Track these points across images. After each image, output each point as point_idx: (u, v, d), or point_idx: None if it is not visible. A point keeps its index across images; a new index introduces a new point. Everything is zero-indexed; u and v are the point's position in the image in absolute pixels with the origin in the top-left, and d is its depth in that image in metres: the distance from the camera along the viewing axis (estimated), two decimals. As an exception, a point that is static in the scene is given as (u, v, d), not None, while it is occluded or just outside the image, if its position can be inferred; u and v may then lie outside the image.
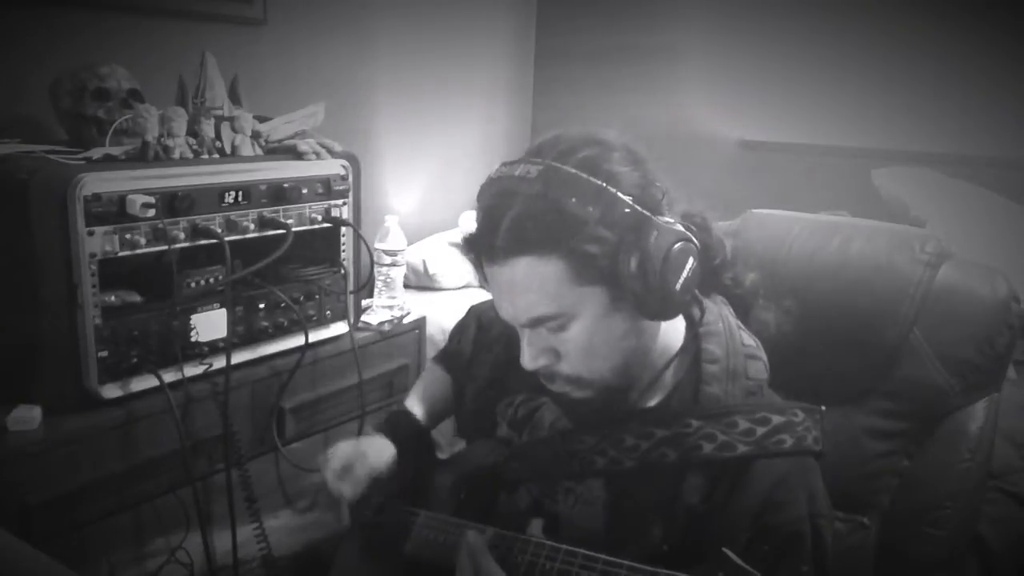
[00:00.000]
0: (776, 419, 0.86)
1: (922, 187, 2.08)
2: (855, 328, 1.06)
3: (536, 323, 0.84)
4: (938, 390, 1.05)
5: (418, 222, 2.49)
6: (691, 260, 0.83)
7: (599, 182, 0.79)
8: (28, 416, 1.13)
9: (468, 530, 0.89)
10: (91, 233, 1.12)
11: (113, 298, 1.19)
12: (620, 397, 0.91)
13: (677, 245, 0.81)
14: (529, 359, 0.87)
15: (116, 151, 1.26)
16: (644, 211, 0.80)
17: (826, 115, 2.47)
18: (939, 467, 1.06)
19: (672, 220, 0.83)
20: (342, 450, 1.06)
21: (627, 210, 0.80)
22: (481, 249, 0.86)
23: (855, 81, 2.40)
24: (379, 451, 1.08)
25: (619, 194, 0.80)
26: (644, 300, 0.80)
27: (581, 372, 0.87)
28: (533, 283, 0.81)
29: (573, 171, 0.80)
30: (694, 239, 0.83)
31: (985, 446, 1.07)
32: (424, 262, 2.33)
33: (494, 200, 0.83)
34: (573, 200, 0.79)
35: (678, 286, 0.81)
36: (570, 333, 0.84)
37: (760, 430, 0.85)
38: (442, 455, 1.17)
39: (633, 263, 0.79)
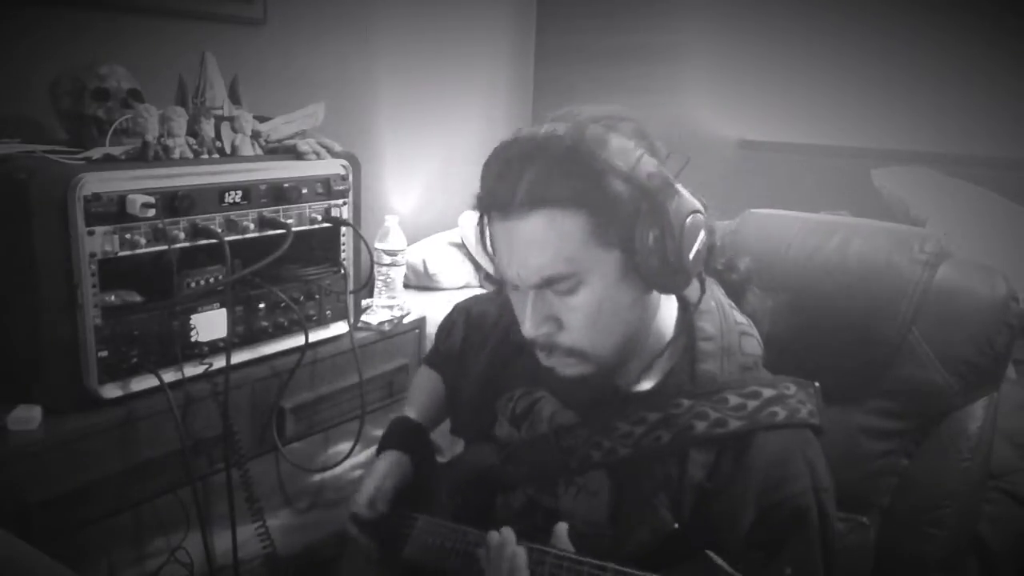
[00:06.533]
0: (767, 392, 0.87)
1: (922, 187, 2.08)
2: (854, 327, 1.06)
3: (547, 283, 0.83)
4: (937, 390, 1.05)
5: (418, 222, 2.49)
6: (703, 233, 0.83)
7: (629, 141, 0.80)
8: (28, 416, 1.13)
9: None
10: (91, 233, 1.12)
11: (113, 298, 1.18)
12: (615, 377, 0.91)
13: (692, 216, 0.81)
14: (531, 325, 0.85)
15: (116, 151, 1.26)
16: (669, 175, 0.81)
17: (826, 115, 2.47)
18: (939, 467, 1.06)
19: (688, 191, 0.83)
20: (367, 482, 1.07)
21: (652, 171, 0.80)
22: (496, 204, 0.84)
23: (855, 81, 2.40)
24: (400, 466, 1.09)
25: (646, 155, 0.80)
26: (658, 268, 0.81)
27: (583, 344, 0.86)
28: (550, 238, 0.81)
29: (602, 129, 0.80)
30: (704, 212, 0.84)
31: (985, 446, 1.07)
32: (424, 262, 2.33)
33: (515, 156, 0.82)
34: (603, 156, 0.79)
35: (691, 257, 0.82)
36: (578, 298, 0.83)
37: (751, 404, 0.86)
38: (442, 458, 1.17)
39: (652, 228, 0.79)
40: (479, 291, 2.29)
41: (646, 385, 0.92)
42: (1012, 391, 1.42)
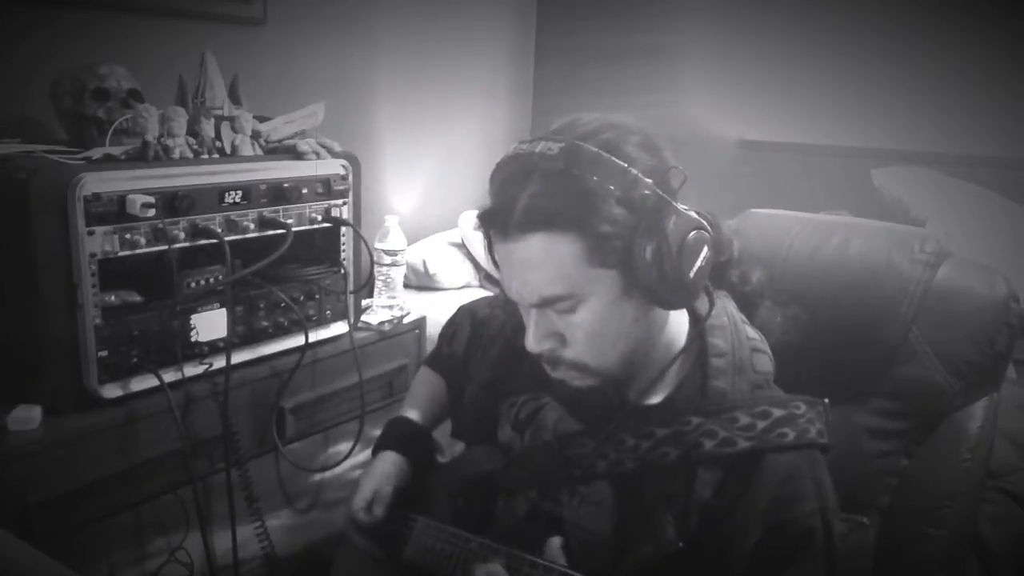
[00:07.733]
0: (777, 412, 0.86)
1: (922, 187, 2.08)
2: (854, 328, 1.06)
3: (546, 303, 0.83)
4: (938, 390, 1.05)
5: (418, 222, 2.49)
6: (705, 249, 0.82)
7: (621, 163, 0.79)
8: (28, 416, 1.13)
9: (483, 563, 0.86)
10: (91, 233, 1.12)
11: (113, 298, 1.19)
12: (622, 390, 0.91)
13: (693, 233, 0.81)
14: (534, 341, 0.86)
15: (116, 151, 1.26)
16: (664, 195, 0.80)
17: (826, 115, 2.47)
18: (939, 467, 1.06)
19: (688, 208, 0.82)
20: (365, 486, 1.07)
21: (647, 192, 0.79)
22: (495, 225, 0.85)
23: (855, 81, 2.40)
24: (398, 469, 1.09)
25: (640, 176, 0.79)
26: (657, 286, 0.80)
27: (586, 359, 0.86)
28: (547, 261, 0.81)
29: (595, 150, 0.79)
30: (708, 229, 0.83)
31: (985, 446, 1.07)
32: (424, 262, 2.33)
33: (512, 175, 0.82)
34: (595, 178, 0.78)
35: (692, 274, 0.81)
36: (579, 316, 0.83)
37: (761, 424, 0.85)
38: (442, 458, 1.17)
39: (649, 248, 0.79)
40: (479, 291, 2.29)
41: (655, 398, 0.91)
42: (1012, 391, 1.42)
